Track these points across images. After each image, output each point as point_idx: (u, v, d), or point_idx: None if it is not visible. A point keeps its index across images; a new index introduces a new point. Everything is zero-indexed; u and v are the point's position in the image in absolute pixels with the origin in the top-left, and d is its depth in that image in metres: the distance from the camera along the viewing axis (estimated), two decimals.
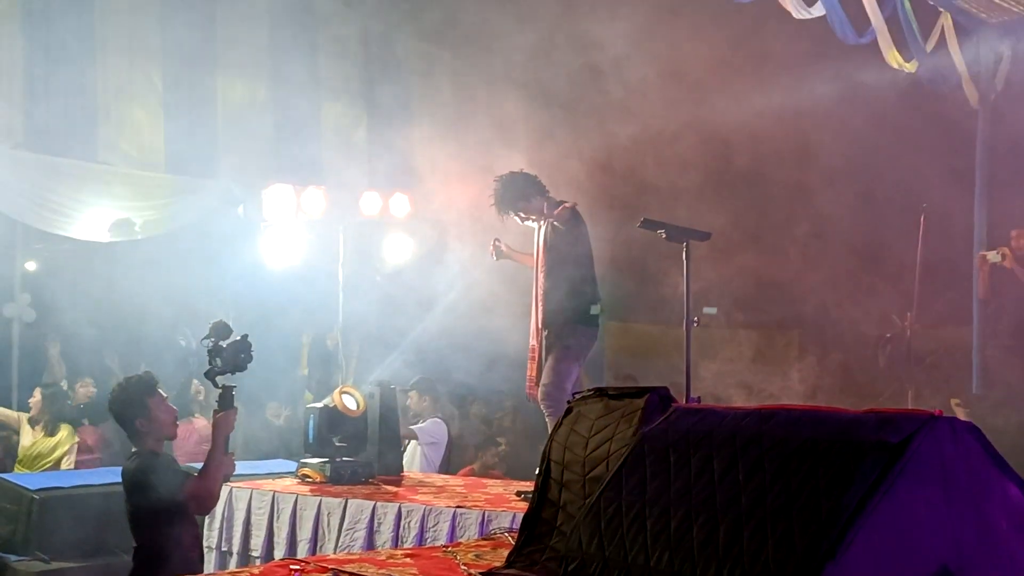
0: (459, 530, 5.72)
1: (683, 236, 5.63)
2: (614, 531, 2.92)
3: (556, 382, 6.33)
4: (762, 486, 2.63)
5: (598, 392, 4.17)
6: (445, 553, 4.29)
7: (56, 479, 7.55)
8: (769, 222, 10.02)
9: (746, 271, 9.73)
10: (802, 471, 2.57)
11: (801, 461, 2.60)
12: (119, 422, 5.39)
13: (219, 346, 5.24)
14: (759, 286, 10.32)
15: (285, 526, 6.51)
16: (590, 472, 3.88)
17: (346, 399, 7.37)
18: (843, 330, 10.72)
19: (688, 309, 5.59)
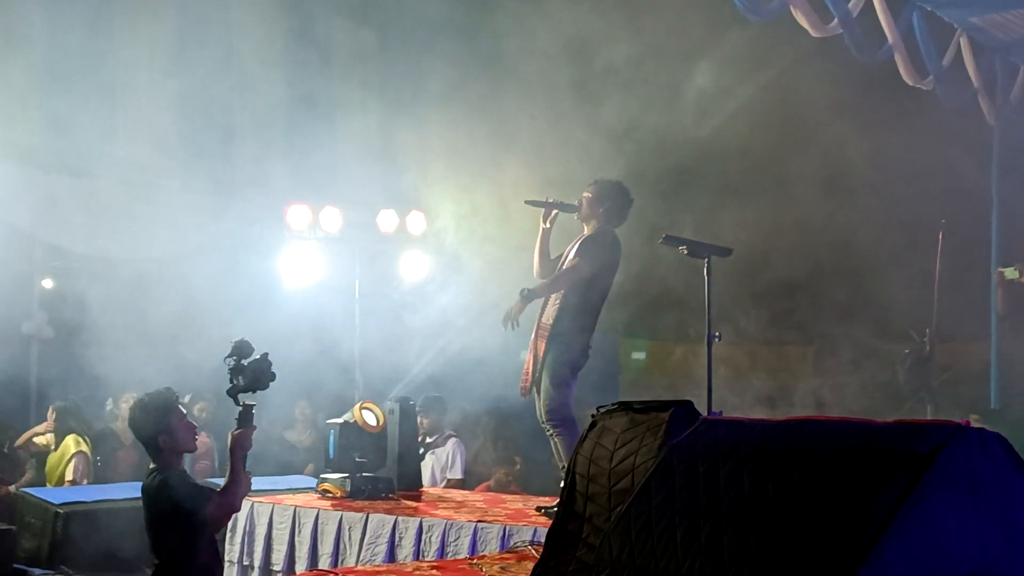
0: (480, 544, 5.73)
1: (704, 252, 5.66)
2: (644, 541, 2.95)
3: (561, 399, 6.35)
4: (792, 496, 2.66)
5: (623, 406, 4.20)
6: (471, 565, 4.33)
7: (79, 494, 7.61)
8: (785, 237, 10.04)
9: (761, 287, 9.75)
10: (832, 481, 2.60)
11: (831, 471, 2.63)
12: (140, 438, 5.43)
13: (240, 364, 5.28)
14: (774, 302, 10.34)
15: (306, 540, 6.54)
16: (616, 484, 3.91)
17: (366, 415, 7.41)
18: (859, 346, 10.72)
19: (709, 324, 5.62)
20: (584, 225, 6.61)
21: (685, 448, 3.10)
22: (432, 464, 9.05)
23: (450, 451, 9.17)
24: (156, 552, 5.25)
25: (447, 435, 9.34)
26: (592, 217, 6.56)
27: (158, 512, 5.17)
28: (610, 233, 6.51)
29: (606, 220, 6.55)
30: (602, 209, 6.54)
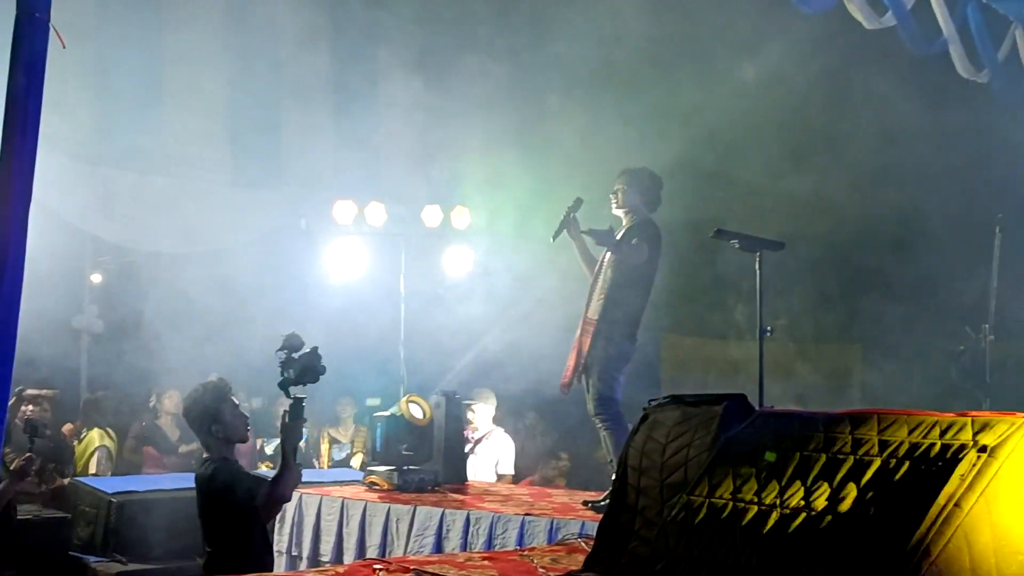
0: (528, 537, 5.74)
1: (756, 246, 5.63)
2: (702, 532, 2.94)
3: (609, 394, 6.34)
4: (856, 487, 2.64)
5: (674, 399, 4.19)
6: (521, 557, 4.34)
7: (132, 483, 7.70)
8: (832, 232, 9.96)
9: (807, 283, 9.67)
10: (898, 472, 2.58)
11: (897, 463, 2.60)
12: (194, 428, 5.49)
13: (291, 358, 5.33)
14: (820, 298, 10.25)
15: (355, 532, 6.58)
16: (668, 478, 3.90)
17: (412, 408, 7.44)
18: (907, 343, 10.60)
19: (761, 318, 5.59)
20: (624, 217, 6.58)
21: (741, 440, 3.09)
22: (482, 459, 9.08)
23: (500, 446, 9.19)
24: (208, 540, 5.32)
25: (496, 430, 9.36)
26: (630, 207, 6.56)
27: (211, 501, 5.24)
28: (651, 225, 6.49)
29: (646, 208, 6.54)
30: (640, 197, 6.54)
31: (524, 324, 10.08)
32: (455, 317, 10.72)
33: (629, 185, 6.56)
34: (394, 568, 3.88)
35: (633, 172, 6.61)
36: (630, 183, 6.56)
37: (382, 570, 3.79)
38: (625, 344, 6.41)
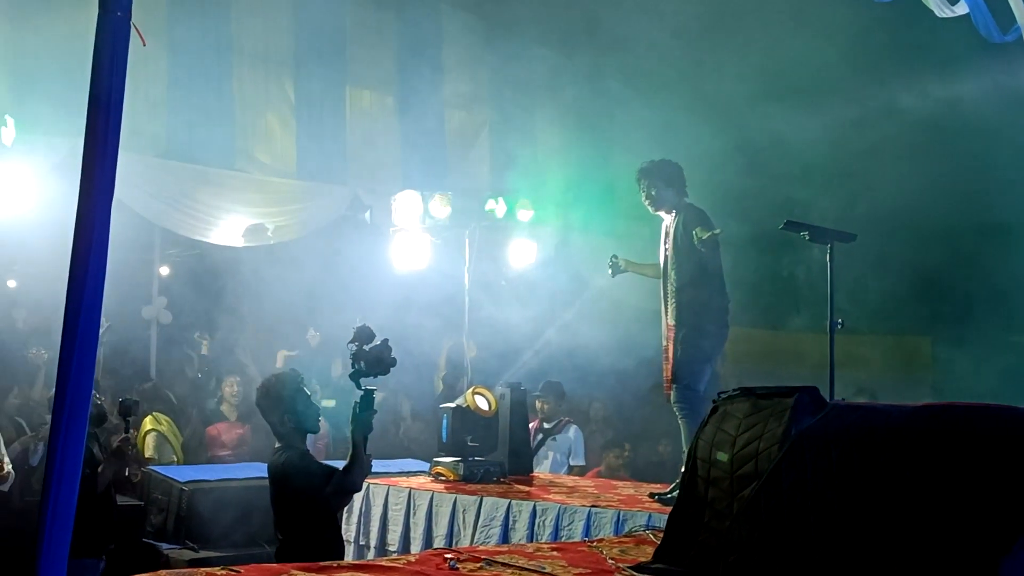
0: (594, 529, 5.75)
1: (827, 238, 5.59)
2: (775, 524, 2.94)
3: (689, 384, 6.31)
4: (933, 481, 2.62)
5: (744, 391, 4.17)
6: (590, 548, 4.35)
7: (203, 472, 7.84)
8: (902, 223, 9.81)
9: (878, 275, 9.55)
10: (975, 467, 2.56)
11: (973, 457, 2.58)
12: (265, 417, 5.58)
13: (362, 350, 5.40)
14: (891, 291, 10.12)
15: (421, 522, 6.63)
16: (738, 470, 3.89)
17: (478, 399, 7.48)
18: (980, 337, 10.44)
19: (831, 311, 5.54)
20: (665, 215, 6.55)
21: (815, 433, 3.07)
22: (554, 450, 9.11)
23: (572, 438, 9.23)
24: (280, 528, 5.40)
25: (566, 421, 9.38)
26: (665, 203, 6.52)
27: (283, 489, 5.32)
28: (695, 210, 6.43)
29: (679, 196, 6.50)
30: (670, 189, 6.50)
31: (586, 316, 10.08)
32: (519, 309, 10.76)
33: (654, 182, 6.52)
34: (465, 557, 3.91)
35: (651, 168, 6.55)
36: (654, 180, 6.52)
37: (453, 559, 3.83)
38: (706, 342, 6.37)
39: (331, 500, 5.38)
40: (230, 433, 9.81)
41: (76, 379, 3.45)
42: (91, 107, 3.58)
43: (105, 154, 3.57)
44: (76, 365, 3.43)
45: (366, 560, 5.76)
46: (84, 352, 3.45)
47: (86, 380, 3.50)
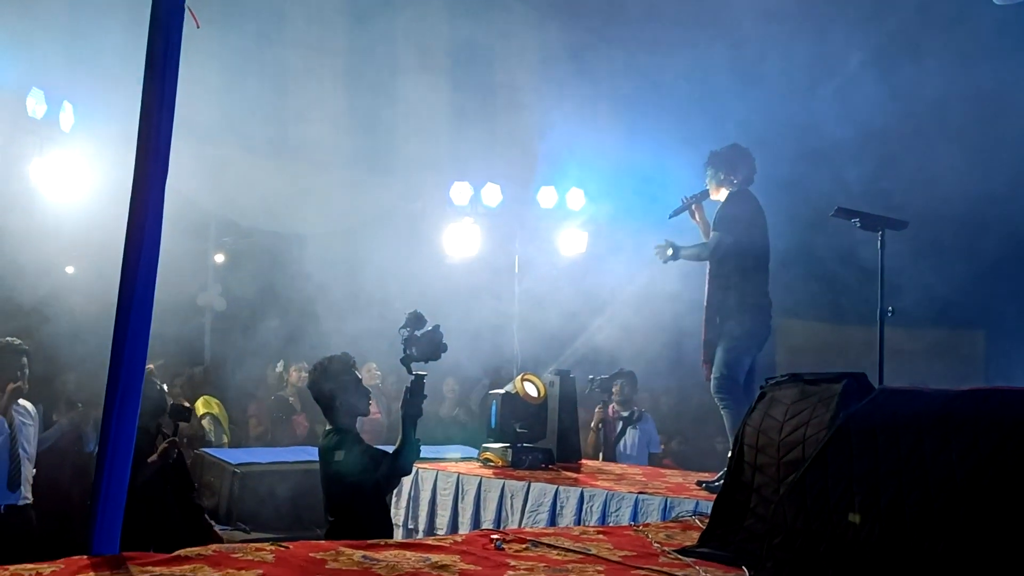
0: (641, 515, 5.75)
1: (879, 225, 5.53)
2: (820, 507, 2.93)
3: (728, 373, 6.28)
4: (979, 465, 2.60)
5: (793, 377, 4.15)
6: (636, 532, 4.36)
7: (255, 455, 7.95)
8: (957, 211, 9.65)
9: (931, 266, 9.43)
10: (1021, 451, 2.53)
11: (1020, 441, 2.56)
12: (318, 399, 5.65)
13: (414, 335, 5.44)
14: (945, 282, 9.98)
15: (470, 506, 6.67)
16: (785, 456, 3.88)
17: (527, 386, 7.49)
18: None
19: (882, 299, 5.49)
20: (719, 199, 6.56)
21: (862, 416, 3.05)
22: (638, 439, 9.12)
23: (651, 427, 9.25)
24: (330, 511, 5.46)
25: (642, 411, 9.37)
26: (720, 187, 6.53)
27: (334, 472, 5.38)
28: (741, 195, 6.43)
29: (741, 183, 6.48)
30: (723, 175, 6.50)
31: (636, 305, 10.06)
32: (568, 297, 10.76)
33: (714, 168, 6.56)
34: (511, 538, 3.94)
35: (715, 154, 6.60)
36: (714, 165, 6.56)
37: (499, 539, 3.86)
38: (739, 324, 6.33)
39: (381, 483, 5.43)
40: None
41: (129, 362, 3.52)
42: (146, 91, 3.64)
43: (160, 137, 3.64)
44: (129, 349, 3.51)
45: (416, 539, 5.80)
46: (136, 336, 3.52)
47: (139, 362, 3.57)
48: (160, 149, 3.63)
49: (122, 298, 3.53)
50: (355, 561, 3.44)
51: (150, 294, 3.57)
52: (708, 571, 3.45)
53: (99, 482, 3.43)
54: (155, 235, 3.58)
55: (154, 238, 3.57)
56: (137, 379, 3.58)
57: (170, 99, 3.64)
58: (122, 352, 3.50)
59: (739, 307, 6.33)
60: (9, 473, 6.65)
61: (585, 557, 3.70)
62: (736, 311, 6.32)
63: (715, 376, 6.31)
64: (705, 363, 6.44)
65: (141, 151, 3.62)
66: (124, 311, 3.51)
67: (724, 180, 6.52)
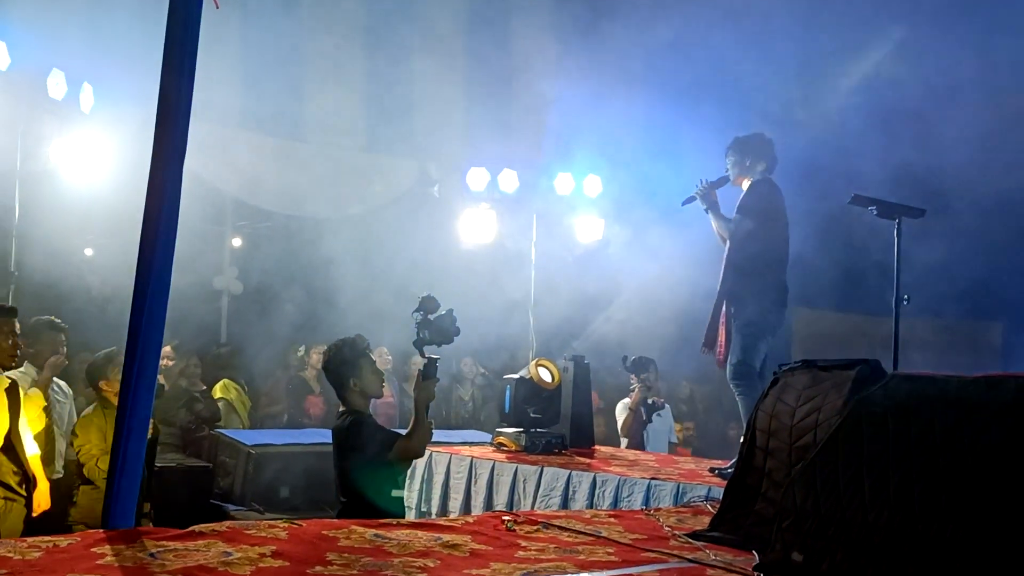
0: (653, 500, 5.76)
1: (896, 213, 5.52)
2: (830, 490, 2.94)
3: (744, 359, 6.28)
4: (989, 451, 2.60)
5: (806, 364, 4.16)
6: (647, 515, 4.38)
7: (270, 437, 8.00)
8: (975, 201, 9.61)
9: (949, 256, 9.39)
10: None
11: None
12: (332, 381, 5.67)
13: (427, 319, 5.47)
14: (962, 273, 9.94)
15: (482, 490, 6.70)
16: (797, 441, 3.89)
17: (541, 371, 7.50)
18: None
19: (898, 287, 5.48)
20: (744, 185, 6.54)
21: (874, 401, 3.05)
22: (661, 427, 9.13)
23: (669, 416, 9.26)
24: (343, 491, 5.48)
25: (663, 400, 9.38)
26: (742, 175, 6.53)
27: (347, 453, 5.40)
28: (763, 183, 6.42)
29: (759, 172, 6.47)
30: (748, 163, 6.49)
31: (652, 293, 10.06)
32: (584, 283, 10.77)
33: (736, 155, 6.55)
34: (522, 520, 3.96)
35: (738, 141, 6.59)
36: (736, 152, 6.55)
37: (510, 521, 3.88)
38: (753, 310, 6.34)
39: (394, 464, 5.46)
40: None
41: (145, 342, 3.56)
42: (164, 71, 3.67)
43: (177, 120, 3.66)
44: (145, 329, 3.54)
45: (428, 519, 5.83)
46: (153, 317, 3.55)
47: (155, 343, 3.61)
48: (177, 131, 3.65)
49: (139, 279, 3.56)
50: (367, 539, 3.47)
51: (167, 275, 3.60)
52: (718, 554, 3.47)
53: (115, 459, 3.48)
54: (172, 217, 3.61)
55: (171, 220, 3.60)
56: (153, 359, 3.61)
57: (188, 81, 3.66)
58: (138, 333, 3.53)
59: (756, 294, 6.33)
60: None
61: (596, 539, 3.73)
62: (753, 298, 6.32)
63: (731, 363, 6.32)
64: (705, 347, 6.45)
65: (159, 133, 3.65)
66: (141, 292, 3.55)
67: (746, 168, 6.52)
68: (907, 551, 2.66)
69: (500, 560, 3.27)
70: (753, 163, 6.50)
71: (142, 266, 3.56)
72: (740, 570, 3.17)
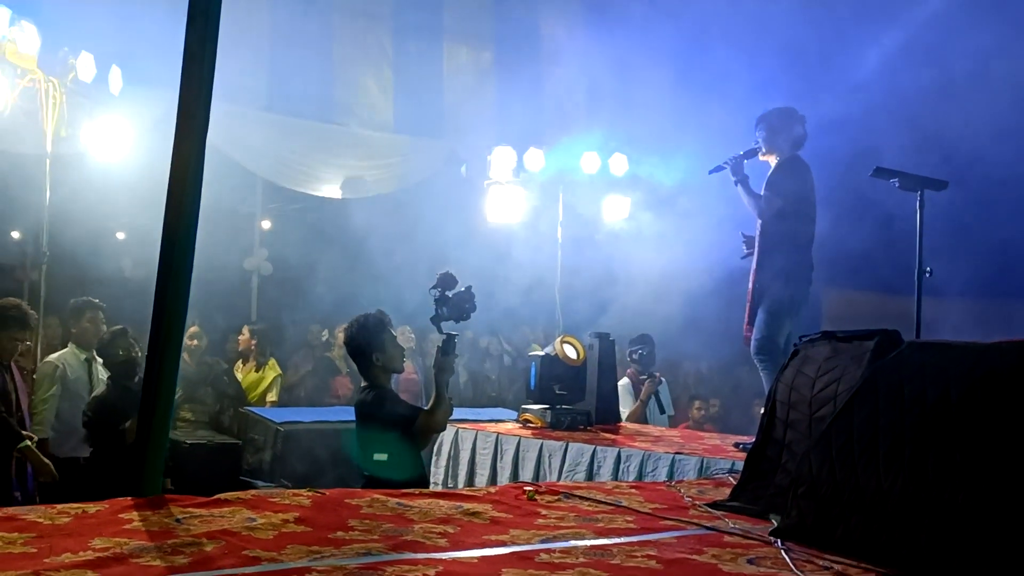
0: (677, 474, 5.77)
1: (918, 185, 5.49)
2: (845, 457, 2.96)
3: (769, 335, 6.28)
4: (1003, 416, 2.61)
5: (825, 335, 4.18)
6: (669, 487, 4.41)
7: (298, 414, 8.08)
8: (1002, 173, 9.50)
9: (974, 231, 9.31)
10: None
11: None
12: (355, 356, 5.73)
13: (445, 296, 5.52)
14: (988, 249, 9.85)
15: (508, 466, 6.74)
16: (816, 412, 3.91)
17: (567, 348, 7.51)
18: None
19: (920, 260, 5.46)
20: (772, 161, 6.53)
21: (890, 369, 3.07)
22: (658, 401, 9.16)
23: (667, 391, 9.27)
24: (366, 465, 5.55)
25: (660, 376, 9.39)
26: (773, 150, 6.50)
27: (369, 427, 5.46)
28: (795, 160, 6.40)
29: (788, 148, 6.45)
30: (779, 139, 6.46)
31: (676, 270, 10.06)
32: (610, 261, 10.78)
33: (767, 130, 6.50)
34: (544, 490, 4.00)
35: (769, 115, 6.53)
36: (768, 127, 6.50)
37: (531, 491, 3.92)
38: (782, 287, 6.34)
39: (416, 438, 5.51)
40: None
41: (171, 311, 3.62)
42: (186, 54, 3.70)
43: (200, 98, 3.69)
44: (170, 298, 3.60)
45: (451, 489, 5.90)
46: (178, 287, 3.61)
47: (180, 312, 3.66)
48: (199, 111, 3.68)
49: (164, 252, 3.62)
50: (389, 507, 3.52)
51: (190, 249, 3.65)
52: (737, 523, 3.49)
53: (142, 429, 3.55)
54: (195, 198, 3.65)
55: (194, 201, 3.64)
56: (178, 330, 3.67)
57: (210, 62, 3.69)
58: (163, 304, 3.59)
59: (783, 271, 6.32)
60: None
61: (616, 508, 3.76)
62: (780, 275, 6.32)
63: (756, 338, 6.32)
64: (748, 325, 6.45)
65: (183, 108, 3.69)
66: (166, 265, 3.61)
67: (776, 144, 6.49)
68: (920, 517, 2.68)
69: (519, 527, 3.32)
70: (784, 138, 6.48)
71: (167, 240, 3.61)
72: (758, 537, 3.20)
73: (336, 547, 2.87)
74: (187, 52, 3.69)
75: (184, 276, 3.62)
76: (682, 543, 3.17)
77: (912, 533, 2.69)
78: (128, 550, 2.69)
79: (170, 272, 3.60)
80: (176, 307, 3.63)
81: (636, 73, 12.46)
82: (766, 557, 2.94)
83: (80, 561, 2.57)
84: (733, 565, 2.85)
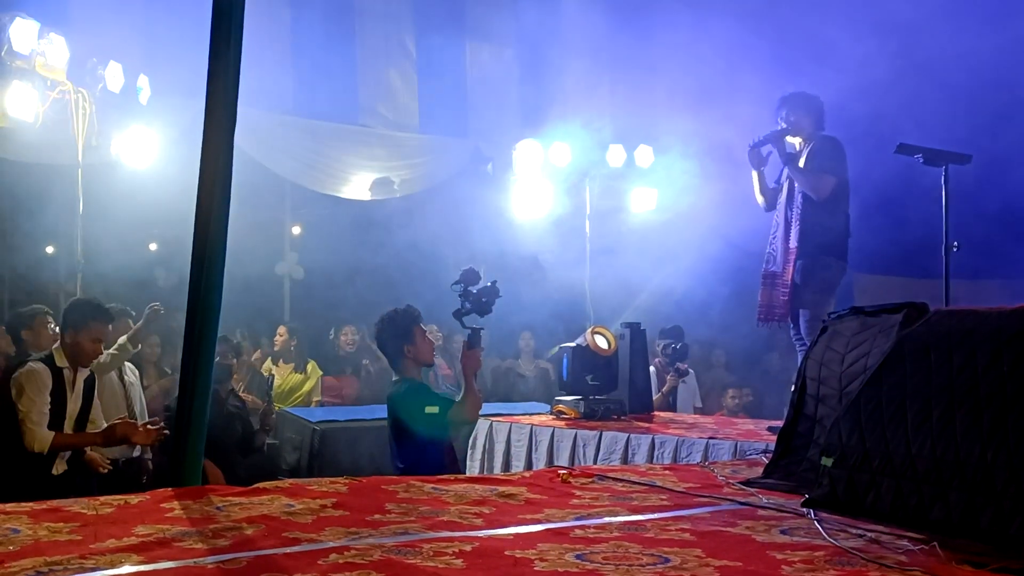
0: (712, 458, 5.79)
1: (942, 160, 5.48)
2: (874, 424, 2.98)
3: (818, 314, 6.26)
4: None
5: (854, 311, 4.20)
6: (702, 468, 4.44)
7: (333, 413, 8.17)
8: None
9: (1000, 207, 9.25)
10: None
11: None
12: (385, 349, 5.82)
13: (468, 291, 5.60)
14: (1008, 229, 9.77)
15: (543, 456, 6.77)
16: (847, 386, 3.93)
17: (598, 339, 7.53)
18: None
19: (947, 235, 5.46)
20: (798, 143, 6.51)
21: (917, 336, 3.09)
22: (685, 393, 9.17)
23: (695, 381, 9.29)
24: (399, 457, 5.61)
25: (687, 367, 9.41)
26: (801, 131, 6.49)
27: (402, 419, 5.53)
28: (832, 139, 6.39)
29: (813, 128, 6.45)
30: (811, 119, 6.46)
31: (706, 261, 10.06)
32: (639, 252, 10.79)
33: (794, 110, 6.49)
34: (578, 473, 4.04)
35: (793, 98, 6.54)
36: (794, 108, 6.49)
37: (567, 474, 3.96)
38: (835, 267, 6.34)
39: (448, 429, 5.58)
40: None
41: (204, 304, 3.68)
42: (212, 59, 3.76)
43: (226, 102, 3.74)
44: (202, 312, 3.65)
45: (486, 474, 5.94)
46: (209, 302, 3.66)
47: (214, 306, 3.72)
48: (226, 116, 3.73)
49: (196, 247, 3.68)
50: (425, 492, 3.57)
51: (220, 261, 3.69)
52: (770, 499, 3.51)
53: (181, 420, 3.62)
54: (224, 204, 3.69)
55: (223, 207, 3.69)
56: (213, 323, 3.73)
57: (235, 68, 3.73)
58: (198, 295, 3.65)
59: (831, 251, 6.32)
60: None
61: (649, 488, 3.79)
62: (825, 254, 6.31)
63: (809, 320, 6.28)
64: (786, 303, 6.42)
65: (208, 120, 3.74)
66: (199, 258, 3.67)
67: (803, 126, 6.49)
68: (950, 476, 2.70)
69: (554, 507, 3.36)
70: (809, 120, 6.48)
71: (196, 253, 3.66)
72: (791, 510, 3.22)
73: (374, 528, 2.92)
74: (212, 52, 3.74)
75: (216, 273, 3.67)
76: (715, 517, 3.20)
77: (942, 493, 2.70)
78: (171, 535, 2.76)
79: (204, 259, 3.65)
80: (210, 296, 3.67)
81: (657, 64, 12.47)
82: (799, 528, 2.97)
83: (124, 546, 2.63)
84: (767, 536, 2.88)
